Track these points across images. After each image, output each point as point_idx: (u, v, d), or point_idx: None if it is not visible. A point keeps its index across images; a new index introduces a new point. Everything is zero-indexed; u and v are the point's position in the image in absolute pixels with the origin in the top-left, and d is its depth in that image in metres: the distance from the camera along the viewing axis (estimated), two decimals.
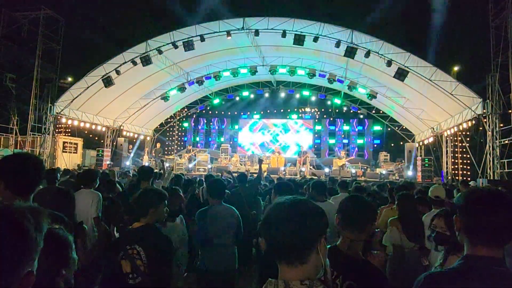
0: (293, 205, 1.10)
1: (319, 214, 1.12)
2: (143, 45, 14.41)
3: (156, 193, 2.38)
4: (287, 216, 1.07)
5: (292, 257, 1.06)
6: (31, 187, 1.74)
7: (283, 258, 1.07)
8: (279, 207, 1.11)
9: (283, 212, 1.09)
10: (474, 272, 1.19)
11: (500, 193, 1.28)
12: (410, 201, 3.63)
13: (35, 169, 1.76)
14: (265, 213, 1.16)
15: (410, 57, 12.68)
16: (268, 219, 1.11)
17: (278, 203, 1.13)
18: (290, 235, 1.04)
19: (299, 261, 1.05)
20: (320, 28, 13.15)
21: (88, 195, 3.89)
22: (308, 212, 1.10)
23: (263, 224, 1.13)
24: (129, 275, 2.07)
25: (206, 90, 21.08)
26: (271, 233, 1.08)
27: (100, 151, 18.19)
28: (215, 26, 13.88)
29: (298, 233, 1.04)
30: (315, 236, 1.07)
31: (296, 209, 1.09)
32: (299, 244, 1.05)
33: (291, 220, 1.06)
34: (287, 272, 1.06)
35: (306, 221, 1.07)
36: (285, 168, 16.64)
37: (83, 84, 15.30)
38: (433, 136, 16.94)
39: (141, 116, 20.23)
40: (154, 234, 2.24)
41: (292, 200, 1.13)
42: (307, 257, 1.05)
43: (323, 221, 1.11)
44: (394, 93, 16.56)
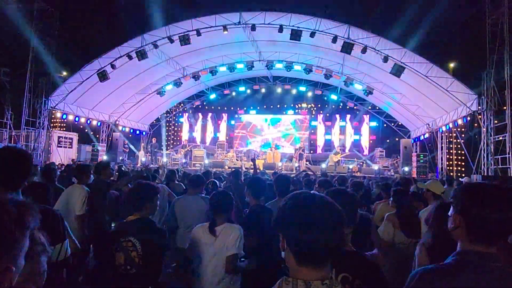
0: (329, 204, 1.04)
1: (342, 213, 1.06)
2: (139, 39, 14.28)
3: (151, 187, 2.41)
4: (328, 218, 1.00)
5: (323, 260, 1.01)
6: (16, 181, 1.71)
7: (313, 261, 1.00)
8: (313, 206, 1.02)
9: (321, 213, 1.00)
10: (471, 267, 1.18)
11: (503, 189, 1.26)
12: (406, 197, 3.65)
13: (20, 164, 1.73)
14: (285, 210, 1.05)
15: (406, 53, 12.70)
16: (300, 218, 1.01)
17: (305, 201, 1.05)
18: (330, 239, 0.98)
19: (325, 262, 1.01)
20: (317, 23, 13.11)
21: (74, 190, 3.88)
22: (340, 213, 1.03)
23: (287, 223, 1.03)
24: (122, 266, 2.10)
25: (202, 85, 20.98)
26: (306, 236, 0.98)
27: (96, 146, 18.09)
28: (212, 20, 13.79)
29: (337, 236, 0.99)
30: (342, 238, 1.04)
31: (333, 210, 1.02)
32: (334, 248, 1.00)
33: (332, 223, 0.99)
34: (307, 272, 1.00)
35: (337, 220, 1.01)
36: (281, 163, 16.67)
37: (78, 79, 15.17)
38: (429, 132, 17.04)
39: (137, 111, 20.13)
40: (150, 227, 2.28)
41: (324, 200, 1.05)
42: (329, 260, 1.02)
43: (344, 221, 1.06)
44: (391, 89, 16.60)
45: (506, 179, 10.45)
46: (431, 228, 2.26)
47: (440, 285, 1.18)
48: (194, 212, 3.63)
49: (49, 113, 15.95)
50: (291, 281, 1.00)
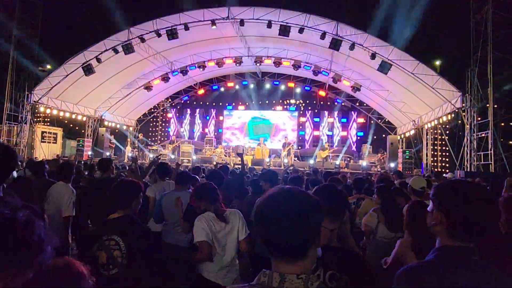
0: (294, 197, 1.02)
1: (319, 205, 1.05)
2: (125, 33, 14.01)
3: (135, 184, 2.36)
4: (289, 210, 0.99)
5: (294, 254, 1.00)
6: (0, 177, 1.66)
7: (283, 255, 1.00)
8: (277, 200, 1.02)
9: (283, 205, 1.00)
10: (452, 262, 1.22)
11: (483, 188, 1.30)
12: (389, 193, 3.70)
13: (4, 159, 1.68)
14: (258, 205, 1.05)
15: (393, 51, 12.83)
16: (265, 213, 1.01)
17: (273, 195, 1.04)
18: (295, 232, 0.97)
19: (300, 256, 1.00)
20: (306, 19, 13.11)
21: (62, 189, 3.81)
22: (309, 204, 1.02)
23: (259, 219, 1.02)
24: (104, 266, 2.04)
25: (191, 80, 20.79)
26: (271, 230, 0.99)
27: (81, 141, 17.75)
28: (200, 14, 13.63)
29: (303, 229, 0.98)
30: (317, 230, 1.02)
31: (297, 202, 1.01)
32: (304, 241, 0.99)
33: (295, 215, 0.98)
34: (283, 266, 1.00)
35: (309, 215, 1.00)
36: (269, 159, 16.70)
37: (62, 72, 14.80)
38: (414, 128, 17.31)
39: (124, 106, 19.81)
40: (135, 225, 2.22)
41: (290, 192, 1.04)
42: (308, 252, 1.01)
43: (320, 215, 1.05)
44: (378, 86, 16.78)
45: (488, 175, 10.73)
46: (408, 226, 2.30)
47: (428, 280, 1.21)
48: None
49: (32, 107, 15.56)
50: (267, 274, 1.01)
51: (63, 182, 3.93)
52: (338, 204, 1.78)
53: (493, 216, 1.26)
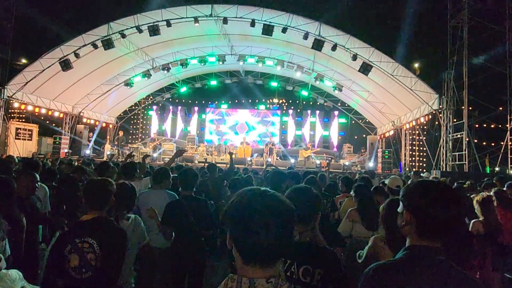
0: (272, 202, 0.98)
1: (293, 210, 1.02)
2: (105, 28, 13.65)
3: (108, 183, 2.28)
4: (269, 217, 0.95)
5: (269, 260, 0.97)
6: None
7: (257, 261, 0.97)
8: (254, 205, 0.97)
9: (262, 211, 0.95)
10: (420, 261, 1.25)
11: (449, 188, 1.34)
12: (367, 192, 3.77)
13: None
14: (234, 208, 1.00)
15: (374, 52, 13.08)
16: (240, 216, 0.97)
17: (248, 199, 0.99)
18: (274, 239, 0.94)
19: (273, 261, 0.98)
20: (289, 19, 13.17)
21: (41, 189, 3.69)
22: (287, 210, 0.99)
23: (233, 222, 0.99)
24: (76, 269, 1.97)
25: (173, 78, 20.51)
26: (249, 236, 0.95)
27: (58, 139, 17.22)
28: (182, 11, 13.46)
29: (282, 235, 0.95)
30: (291, 235, 1.00)
31: (277, 208, 0.97)
32: (281, 247, 0.97)
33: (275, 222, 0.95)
34: (253, 271, 0.98)
35: (285, 219, 0.98)
36: (251, 158, 16.71)
37: (38, 67, 14.29)
38: (394, 129, 17.73)
39: (103, 102, 19.33)
40: (110, 226, 2.16)
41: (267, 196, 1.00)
42: (280, 258, 0.99)
43: (294, 218, 1.02)
44: (359, 87, 17.06)
45: (462, 174, 11.12)
46: (384, 223, 2.36)
47: (394, 278, 1.24)
48: (158, 207, 3.54)
49: (6, 102, 14.94)
50: (236, 279, 0.98)
51: None
52: (311, 209, 1.80)
53: (458, 215, 1.30)
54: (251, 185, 5.30)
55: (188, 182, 3.37)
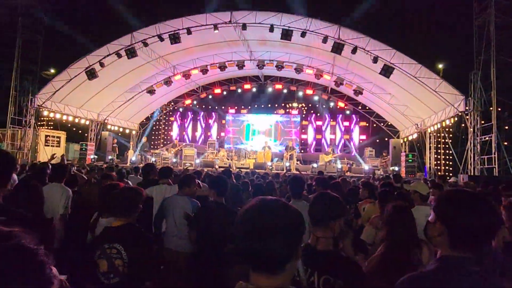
0: (274, 210, 1.00)
1: (300, 219, 1.03)
2: (128, 37, 14.11)
3: (138, 191, 2.34)
4: (269, 222, 0.97)
5: (272, 268, 0.98)
6: None
7: (261, 269, 0.99)
8: (257, 212, 1.00)
9: (263, 218, 0.98)
10: (453, 272, 1.22)
11: (483, 197, 1.30)
12: (391, 198, 3.67)
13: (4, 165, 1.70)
14: (239, 216, 1.04)
15: (395, 54, 12.82)
16: (244, 223, 1.00)
17: (253, 206, 1.02)
18: (270, 244, 0.95)
19: (277, 270, 0.98)
20: (308, 23, 13.14)
21: (58, 189, 3.82)
22: (289, 217, 1.00)
23: (238, 230, 1.01)
24: (104, 274, 2.02)
25: (193, 84, 20.85)
26: (250, 240, 0.97)
27: (84, 145, 17.81)
28: (202, 19, 13.70)
29: (282, 243, 0.96)
30: (295, 245, 1.00)
31: (278, 215, 0.99)
32: (282, 255, 0.97)
33: (274, 227, 0.96)
34: (260, 279, 0.99)
35: (288, 228, 0.98)
36: (272, 163, 16.67)
37: (65, 76, 14.90)
38: (417, 132, 17.25)
39: (127, 109, 19.90)
40: (138, 233, 2.20)
41: (269, 204, 1.02)
42: (285, 266, 0.99)
43: (303, 227, 1.03)
44: (380, 90, 16.75)
45: (491, 179, 10.64)
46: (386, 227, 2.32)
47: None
48: (179, 213, 3.58)
49: (36, 111, 15.65)
50: (243, 286, 1.00)
51: (56, 183, 3.95)
52: (327, 212, 1.79)
53: (494, 225, 1.26)
54: (262, 191, 5.30)
55: (220, 189, 3.35)
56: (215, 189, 3.35)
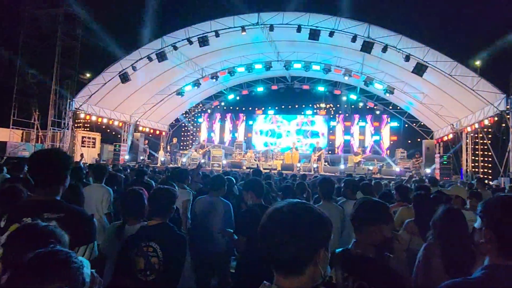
0: (293, 212, 1.02)
1: (321, 223, 1.03)
2: (159, 41, 14.53)
3: (172, 192, 2.41)
4: (285, 225, 1.00)
5: (287, 269, 1.01)
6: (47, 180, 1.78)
7: (278, 268, 1.02)
8: (276, 214, 1.03)
9: (280, 220, 1.01)
10: (501, 281, 1.16)
11: None
12: (427, 202, 3.53)
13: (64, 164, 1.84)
14: (262, 218, 1.08)
15: (429, 52, 12.33)
16: (265, 226, 1.03)
17: (276, 208, 1.05)
18: (286, 247, 0.98)
19: (294, 273, 1.00)
20: (336, 23, 12.94)
21: (99, 190, 3.97)
22: (308, 221, 1.01)
23: (260, 231, 1.05)
24: (141, 272, 2.09)
25: (221, 86, 21.13)
26: (267, 243, 1.01)
27: (117, 146, 18.54)
28: (230, 21, 13.86)
29: (295, 245, 0.98)
30: (314, 249, 1.00)
31: (295, 218, 1.01)
32: (296, 257, 0.99)
33: (289, 230, 0.99)
34: (281, 280, 1.02)
35: (305, 232, 0.99)
36: (300, 164, 16.55)
37: (100, 80, 15.59)
38: (453, 133, 16.47)
39: (157, 111, 20.49)
40: (172, 232, 2.26)
41: (291, 206, 1.03)
42: (303, 270, 1.00)
43: (325, 231, 1.03)
44: (412, 89, 16.18)
45: None
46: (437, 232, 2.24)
47: None
48: (211, 214, 3.64)
49: (74, 114, 16.48)
50: (267, 286, 1.03)
51: (97, 183, 4.12)
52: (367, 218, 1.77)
53: None
54: (292, 193, 5.26)
55: (256, 190, 3.32)
56: (252, 191, 3.28)
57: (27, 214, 1.58)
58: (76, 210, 1.78)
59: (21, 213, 1.60)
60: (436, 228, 2.39)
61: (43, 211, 1.63)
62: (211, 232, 3.48)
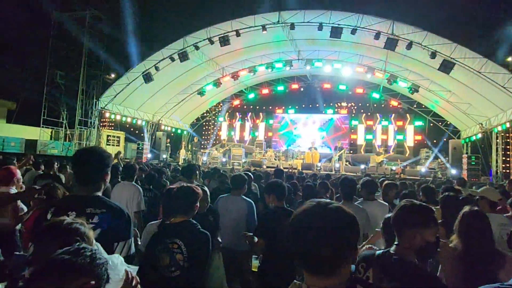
0: (327, 213, 1.01)
1: (354, 224, 1.03)
2: (181, 42, 14.76)
3: (196, 190, 2.43)
4: (321, 226, 0.99)
5: (322, 269, 1.00)
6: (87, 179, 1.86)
7: (310, 269, 1.02)
8: (309, 215, 1.02)
9: (316, 221, 1.00)
10: None
11: None
12: (456, 204, 3.40)
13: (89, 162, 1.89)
14: (293, 218, 1.07)
15: (456, 48, 11.88)
16: (300, 227, 1.02)
17: (309, 209, 1.04)
18: (323, 248, 0.97)
19: (328, 273, 1.00)
20: (359, 20, 12.69)
21: (129, 188, 4.06)
22: (343, 222, 1.00)
23: (291, 231, 1.04)
24: (166, 268, 2.13)
25: (241, 85, 21.21)
26: (302, 244, 1.00)
27: (140, 144, 18.99)
28: (251, 20, 13.88)
29: (332, 246, 0.97)
30: (350, 249, 1.00)
31: (331, 219, 1.00)
32: (332, 258, 0.98)
33: (325, 231, 0.98)
34: (312, 280, 1.02)
35: (341, 233, 0.99)
36: (320, 164, 16.37)
37: (124, 80, 16.01)
38: (482, 132, 15.82)
39: (178, 110, 20.82)
40: (195, 230, 2.29)
41: (325, 208, 1.03)
42: (337, 270, 0.99)
43: (357, 231, 1.03)
44: (438, 87, 15.65)
45: None
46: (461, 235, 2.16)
47: None
48: (234, 213, 3.66)
49: (99, 113, 17.00)
50: (297, 285, 1.03)
51: (127, 181, 4.22)
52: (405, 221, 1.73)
53: None
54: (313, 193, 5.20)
55: (278, 193, 3.22)
56: (274, 194, 3.21)
57: (72, 209, 1.66)
58: (116, 207, 1.84)
59: (66, 208, 1.68)
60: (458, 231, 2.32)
61: (86, 206, 1.72)
62: (236, 231, 3.48)
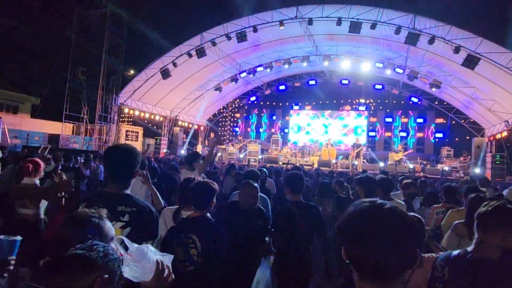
0: (391, 216, 0.91)
1: (416, 227, 0.95)
2: (198, 38, 14.83)
3: (212, 186, 2.43)
4: (388, 232, 0.89)
5: (386, 276, 0.91)
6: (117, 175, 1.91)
7: (373, 274, 0.92)
8: (372, 218, 0.92)
9: (381, 224, 0.90)
10: None
11: None
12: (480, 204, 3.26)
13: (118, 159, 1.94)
14: (349, 219, 0.96)
15: (482, 42, 11.41)
16: (360, 229, 0.92)
17: (367, 212, 0.94)
18: (393, 252, 0.88)
19: (388, 280, 0.91)
20: (379, 14, 12.38)
21: (138, 182, 4.12)
22: (408, 225, 0.91)
23: (351, 234, 0.94)
24: (181, 262, 2.14)
25: (258, 81, 21.16)
26: (364, 250, 0.90)
27: (158, 140, 19.28)
28: (268, 16, 13.78)
29: (398, 253, 0.88)
30: (414, 254, 0.91)
31: (396, 223, 0.91)
32: (401, 263, 0.90)
33: (392, 237, 0.88)
34: (369, 285, 0.93)
35: (407, 238, 0.90)
36: (336, 161, 16.18)
37: (143, 76, 16.26)
38: (508, 130, 15.20)
39: (196, 106, 21.00)
40: (210, 225, 2.30)
41: (388, 210, 0.93)
42: (399, 277, 0.91)
43: (421, 236, 1.02)
44: (461, 83, 15.13)
45: None
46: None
47: None
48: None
49: (119, 108, 17.36)
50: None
51: None
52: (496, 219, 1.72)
53: None
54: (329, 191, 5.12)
55: (295, 186, 3.15)
56: (288, 187, 3.15)
57: (103, 206, 1.68)
58: (146, 206, 1.88)
59: (97, 204, 1.71)
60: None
61: (117, 204, 1.76)
62: None
